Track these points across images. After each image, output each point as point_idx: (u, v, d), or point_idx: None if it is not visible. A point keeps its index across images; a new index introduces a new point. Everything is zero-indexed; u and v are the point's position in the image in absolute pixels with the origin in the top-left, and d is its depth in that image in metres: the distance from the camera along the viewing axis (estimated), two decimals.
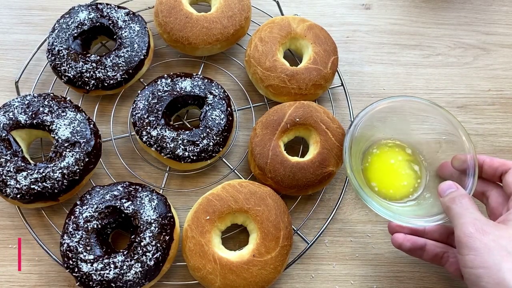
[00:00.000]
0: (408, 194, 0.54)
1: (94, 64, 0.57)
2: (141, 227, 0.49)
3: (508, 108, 0.63)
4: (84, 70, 0.56)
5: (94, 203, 0.50)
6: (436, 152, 0.54)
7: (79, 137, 0.53)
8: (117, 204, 0.50)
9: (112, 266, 0.48)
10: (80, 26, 0.59)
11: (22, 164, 0.51)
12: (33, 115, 0.53)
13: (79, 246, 0.48)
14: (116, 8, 0.60)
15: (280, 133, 0.54)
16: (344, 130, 0.55)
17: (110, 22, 0.59)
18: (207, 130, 0.54)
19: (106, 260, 0.48)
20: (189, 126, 0.59)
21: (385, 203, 0.53)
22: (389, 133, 0.56)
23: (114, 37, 0.59)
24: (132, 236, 0.49)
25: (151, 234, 0.49)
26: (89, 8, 0.60)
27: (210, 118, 0.55)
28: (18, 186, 0.50)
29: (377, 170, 0.55)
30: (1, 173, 0.51)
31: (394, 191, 0.54)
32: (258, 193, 0.52)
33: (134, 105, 0.56)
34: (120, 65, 0.57)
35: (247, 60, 0.60)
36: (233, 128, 0.57)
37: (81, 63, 0.57)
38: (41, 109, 0.54)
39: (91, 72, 0.56)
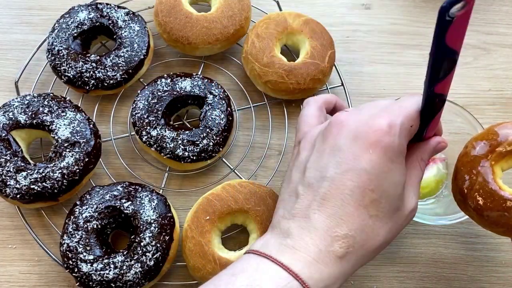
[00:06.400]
0: (436, 191, 0.56)
1: (94, 64, 0.57)
2: (141, 227, 0.49)
3: (508, 108, 0.63)
4: (84, 70, 0.56)
5: (94, 203, 0.50)
6: (454, 151, 0.55)
7: (79, 137, 0.53)
8: (117, 204, 0.50)
9: (112, 266, 0.48)
10: (80, 26, 0.59)
11: (22, 164, 0.51)
12: (33, 115, 0.53)
13: (79, 246, 0.48)
14: (116, 8, 0.60)
15: (496, 156, 0.41)
16: None
17: (110, 22, 0.59)
18: (207, 130, 0.54)
19: (106, 260, 0.48)
20: (189, 126, 0.59)
21: None
22: None
23: (114, 37, 0.59)
24: (132, 236, 0.49)
25: (151, 234, 0.49)
26: (89, 8, 0.60)
27: (210, 118, 0.55)
28: (18, 186, 0.50)
29: None
30: (1, 173, 0.51)
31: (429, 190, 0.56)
32: (258, 193, 0.52)
33: (134, 105, 0.56)
34: (120, 65, 0.57)
35: (244, 56, 0.60)
36: (233, 128, 0.57)
37: (81, 63, 0.57)
38: (41, 109, 0.54)
39: (91, 72, 0.56)
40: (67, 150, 0.52)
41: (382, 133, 0.36)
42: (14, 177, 0.51)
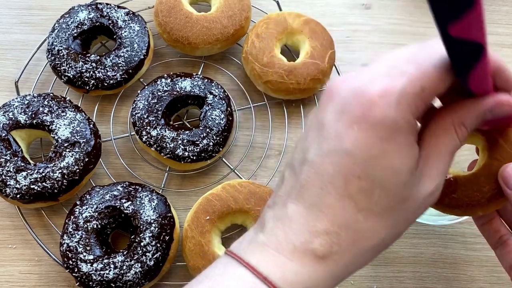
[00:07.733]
0: None
1: (94, 64, 0.57)
2: (141, 227, 0.49)
3: None
4: (84, 70, 0.56)
5: (94, 203, 0.50)
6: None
7: (79, 137, 0.53)
8: (117, 204, 0.50)
9: (112, 266, 0.48)
10: (80, 26, 0.59)
11: (22, 164, 0.51)
12: (33, 115, 0.53)
13: (79, 246, 0.48)
14: (116, 8, 0.60)
15: None
16: None
17: (110, 22, 0.59)
18: (207, 130, 0.54)
19: (106, 260, 0.48)
20: (189, 126, 0.59)
21: None
22: None
23: (114, 37, 0.59)
24: (132, 236, 0.49)
25: (151, 234, 0.49)
26: (89, 8, 0.60)
27: (210, 118, 0.55)
28: (18, 186, 0.50)
29: None
30: (1, 173, 0.51)
31: None
32: (258, 193, 0.52)
33: (134, 105, 0.56)
34: (120, 65, 0.57)
35: (244, 56, 0.60)
36: (233, 128, 0.57)
37: (81, 63, 0.57)
38: (41, 109, 0.54)
39: (91, 72, 0.56)
40: (67, 150, 0.52)
41: (369, 104, 0.28)
42: (14, 177, 0.51)
